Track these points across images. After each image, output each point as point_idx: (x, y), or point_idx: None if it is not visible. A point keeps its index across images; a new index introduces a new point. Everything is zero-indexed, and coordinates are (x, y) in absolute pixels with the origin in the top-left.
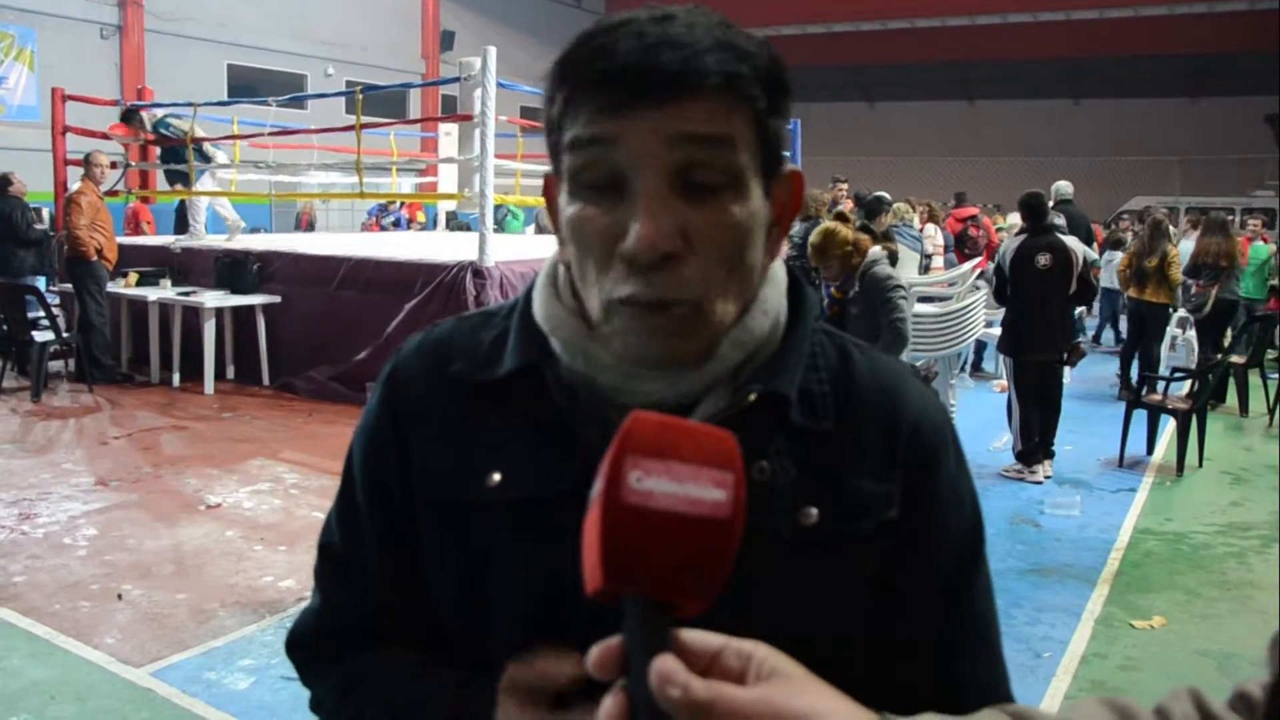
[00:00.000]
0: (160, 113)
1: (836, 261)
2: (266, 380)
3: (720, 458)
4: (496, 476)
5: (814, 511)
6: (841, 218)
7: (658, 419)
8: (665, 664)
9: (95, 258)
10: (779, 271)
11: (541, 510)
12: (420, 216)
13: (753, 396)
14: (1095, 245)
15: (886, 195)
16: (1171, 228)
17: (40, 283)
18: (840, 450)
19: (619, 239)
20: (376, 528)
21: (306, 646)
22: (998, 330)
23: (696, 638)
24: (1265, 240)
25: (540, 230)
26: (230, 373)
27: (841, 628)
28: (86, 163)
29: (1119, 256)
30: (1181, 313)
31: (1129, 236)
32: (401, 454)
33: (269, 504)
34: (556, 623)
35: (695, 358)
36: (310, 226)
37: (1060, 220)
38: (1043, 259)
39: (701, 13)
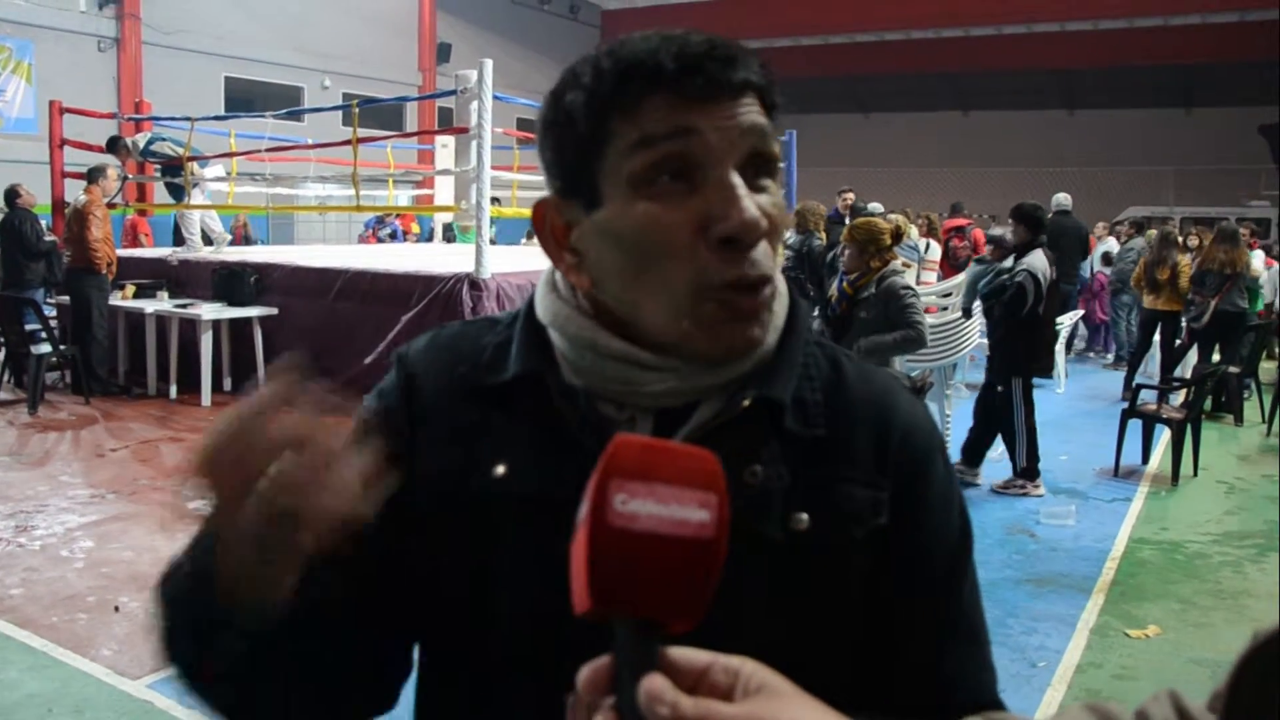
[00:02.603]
0: (143, 141)
1: (856, 248)
2: None
3: (703, 479)
4: (501, 469)
5: (805, 517)
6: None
7: (641, 441)
8: (653, 684)
9: (105, 270)
10: (781, 284)
11: (542, 510)
12: (414, 228)
13: (747, 401)
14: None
15: (880, 206)
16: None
17: (38, 295)
18: (832, 457)
19: (703, 228)
20: (375, 530)
21: None
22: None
23: (683, 655)
24: (1254, 246)
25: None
26: (227, 385)
27: (831, 632)
28: (100, 174)
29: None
30: None
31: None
32: (411, 432)
33: None
34: (554, 622)
35: (753, 349)
36: (246, 240)
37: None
38: (1053, 273)
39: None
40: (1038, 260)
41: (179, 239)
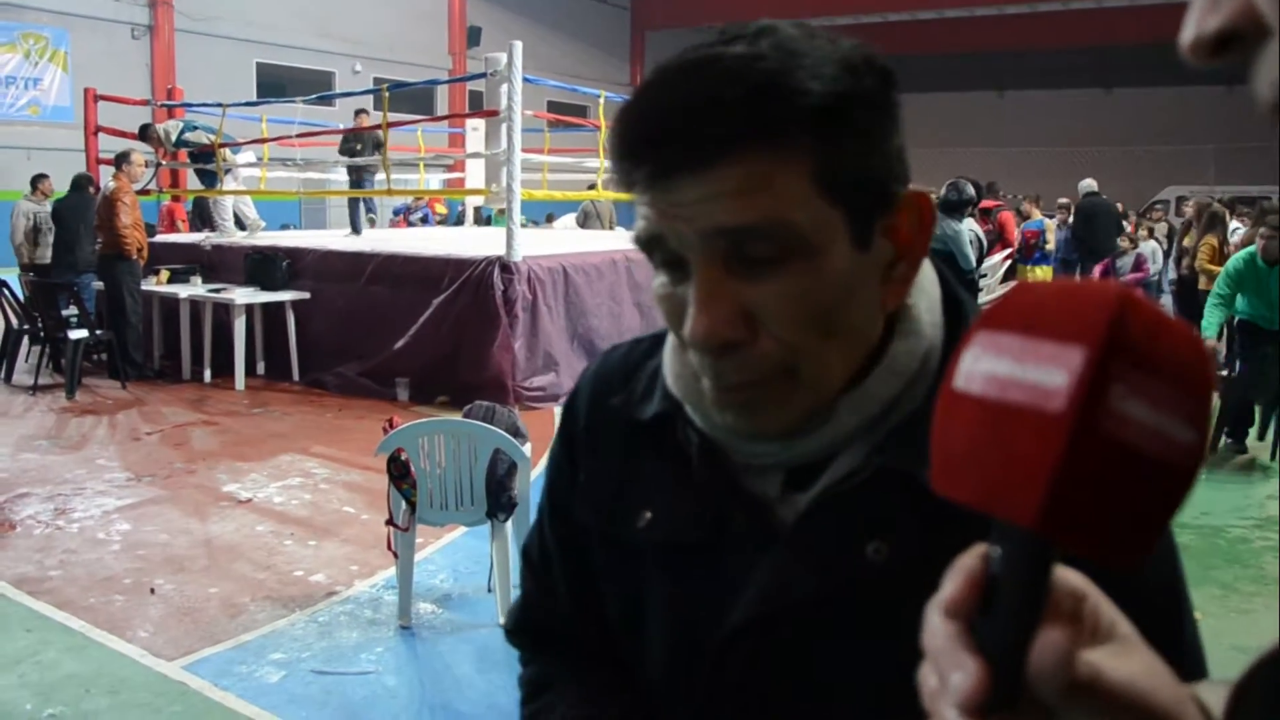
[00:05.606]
0: (174, 132)
1: None
2: (296, 376)
3: (1200, 383)
4: (648, 515)
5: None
6: None
7: (1150, 309)
8: (1058, 641)
9: (135, 256)
10: (920, 321)
11: (678, 555)
12: (440, 209)
13: (888, 464)
14: (1125, 238)
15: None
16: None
17: (87, 279)
18: (978, 525)
19: (685, 318)
20: (558, 546)
21: (524, 632)
22: None
23: (1062, 581)
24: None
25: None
26: (260, 369)
27: None
28: (126, 160)
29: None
30: None
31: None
32: (574, 481)
33: (299, 498)
34: (687, 663)
35: (801, 423)
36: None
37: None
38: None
39: (765, 38)
40: (966, 229)
41: (206, 223)
